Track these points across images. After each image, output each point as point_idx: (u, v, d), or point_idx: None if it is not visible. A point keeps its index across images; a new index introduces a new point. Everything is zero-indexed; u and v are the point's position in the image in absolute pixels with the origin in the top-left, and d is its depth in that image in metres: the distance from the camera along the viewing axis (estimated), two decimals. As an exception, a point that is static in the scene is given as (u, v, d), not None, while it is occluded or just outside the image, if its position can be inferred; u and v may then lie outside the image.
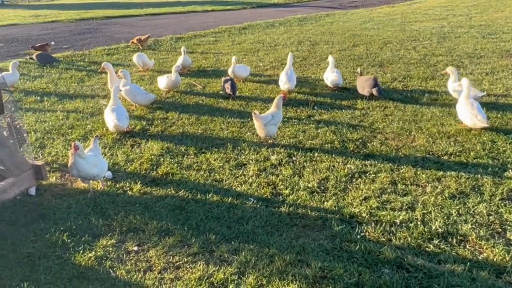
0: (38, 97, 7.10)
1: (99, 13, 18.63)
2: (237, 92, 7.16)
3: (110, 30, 14.54)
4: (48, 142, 5.32)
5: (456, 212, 3.77)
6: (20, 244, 3.42)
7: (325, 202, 3.98)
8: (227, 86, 6.89)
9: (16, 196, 4.07)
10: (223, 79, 7.23)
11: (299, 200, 4.03)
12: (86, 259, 3.24)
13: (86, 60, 9.88)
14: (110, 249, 3.37)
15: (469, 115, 5.42)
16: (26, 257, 3.27)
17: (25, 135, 4.35)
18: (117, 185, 4.30)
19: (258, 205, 3.94)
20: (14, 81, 7.40)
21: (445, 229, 3.54)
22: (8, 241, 3.45)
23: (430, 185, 4.25)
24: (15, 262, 3.22)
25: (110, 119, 5.37)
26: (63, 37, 12.96)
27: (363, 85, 6.87)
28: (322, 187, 4.26)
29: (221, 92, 7.24)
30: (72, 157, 3.96)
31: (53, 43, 10.66)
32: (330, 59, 7.49)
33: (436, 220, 3.65)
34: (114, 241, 3.45)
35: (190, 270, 3.13)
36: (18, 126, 4.28)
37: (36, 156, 4.90)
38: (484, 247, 3.31)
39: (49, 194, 4.19)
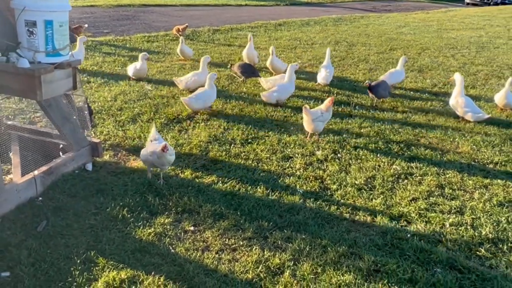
0: (85, 78, 7.30)
1: (136, 1, 18.90)
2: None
3: (148, 18, 14.76)
4: (99, 122, 5.49)
5: (506, 219, 3.80)
6: (82, 215, 3.57)
7: (373, 200, 4.05)
8: (243, 69, 7.26)
9: (75, 170, 4.23)
10: (236, 65, 7.49)
11: (347, 195, 4.11)
12: (146, 235, 3.37)
13: (127, 45, 10.08)
14: (168, 227, 3.50)
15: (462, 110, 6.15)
16: (89, 228, 3.42)
17: (86, 112, 4.52)
18: (169, 168, 4.43)
19: (307, 198, 4.03)
20: (142, 72, 7.32)
21: (495, 235, 3.57)
22: (70, 212, 3.61)
23: (477, 191, 4.28)
24: (79, 232, 3.37)
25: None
26: (103, 22, 13.21)
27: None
28: (369, 185, 4.32)
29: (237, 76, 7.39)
30: (158, 157, 3.92)
31: (86, 25, 10.83)
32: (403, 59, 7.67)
33: (486, 226, 3.68)
34: (171, 220, 3.59)
35: (246, 253, 3.24)
36: (80, 103, 4.44)
37: (88, 134, 5.06)
38: (536, 255, 3.34)
39: (104, 171, 4.34)
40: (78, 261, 3.05)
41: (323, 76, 7.46)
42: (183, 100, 5.91)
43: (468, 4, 34.69)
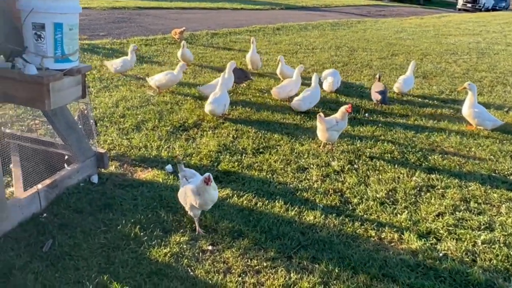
0: (84, 83, 7.01)
1: (130, 3, 18.58)
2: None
3: (144, 20, 14.47)
4: (102, 130, 5.22)
5: (538, 236, 3.62)
6: (90, 233, 3.31)
7: (398, 215, 3.84)
8: (236, 75, 6.82)
9: (79, 182, 3.97)
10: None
11: (370, 210, 3.90)
12: (162, 255, 3.12)
13: (125, 49, 9.78)
14: (184, 246, 3.25)
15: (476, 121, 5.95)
16: (100, 247, 3.16)
17: (91, 121, 4.25)
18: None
19: (328, 213, 3.81)
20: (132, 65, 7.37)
21: (531, 254, 3.39)
22: (78, 230, 3.34)
23: (504, 205, 4.09)
24: (89, 252, 3.11)
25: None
26: (98, 25, 12.89)
27: (374, 91, 6.68)
28: (391, 199, 4.12)
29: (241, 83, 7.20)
30: (202, 193, 3.27)
31: None
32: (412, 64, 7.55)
33: (520, 243, 3.50)
34: (187, 238, 3.34)
35: (272, 276, 3.01)
36: (86, 112, 4.18)
37: (93, 143, 4.80)
38: None
39: (111, 183, 4.08)
40: (90, 286, 2.79)
41: (329, 82, 7.27)
42: (207, 109, 5.67)
43: (460, 10, 34.92)
